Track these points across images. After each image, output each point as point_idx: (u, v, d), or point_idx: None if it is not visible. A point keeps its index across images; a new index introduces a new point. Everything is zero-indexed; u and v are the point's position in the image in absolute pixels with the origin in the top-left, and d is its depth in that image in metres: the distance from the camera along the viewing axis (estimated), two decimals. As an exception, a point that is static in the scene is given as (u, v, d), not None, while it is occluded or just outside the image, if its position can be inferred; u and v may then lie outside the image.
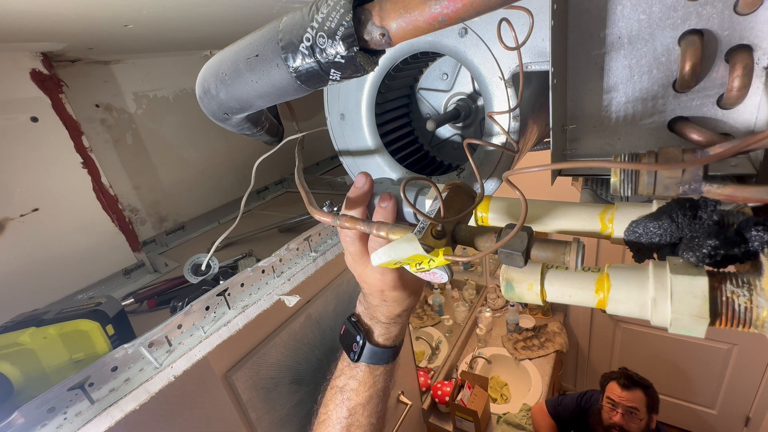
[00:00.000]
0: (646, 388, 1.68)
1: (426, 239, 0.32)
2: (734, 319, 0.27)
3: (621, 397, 1.66)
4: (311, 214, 0.42)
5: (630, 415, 1.63)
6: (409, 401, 1.69)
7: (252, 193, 1.23)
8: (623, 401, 1.65)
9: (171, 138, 1.00)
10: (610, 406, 1.69)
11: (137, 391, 0.50)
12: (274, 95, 0.39)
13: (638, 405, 1.63)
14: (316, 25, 0.31)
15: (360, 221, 0.38)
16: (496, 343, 2.48)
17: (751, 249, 0.28)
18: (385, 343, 0.50)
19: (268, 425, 1.03)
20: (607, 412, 1.69)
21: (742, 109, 0.39)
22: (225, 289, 0.63)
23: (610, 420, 1.66)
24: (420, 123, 0.73)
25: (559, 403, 1.90)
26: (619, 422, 1.63)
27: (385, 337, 0.49)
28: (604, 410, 1.72)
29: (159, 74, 0.96)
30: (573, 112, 0.46)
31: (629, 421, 1.62)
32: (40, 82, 0.70)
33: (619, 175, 0.35)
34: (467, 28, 0.48)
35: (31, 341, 0.50)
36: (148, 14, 0.58)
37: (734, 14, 0.36)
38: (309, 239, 0.76)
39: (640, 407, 1.63)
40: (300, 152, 0.58)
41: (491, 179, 0.53)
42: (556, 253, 0.31)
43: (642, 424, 1.63)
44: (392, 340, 0.50)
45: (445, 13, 0.28)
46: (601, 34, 0.42)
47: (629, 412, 1.63)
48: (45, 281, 0.73)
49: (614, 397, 1.68)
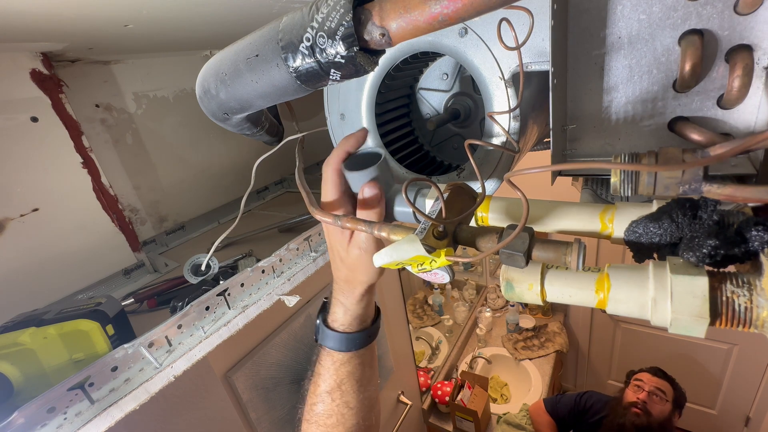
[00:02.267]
0: (675, 385, 1.71)
1: (428, 240, 0.32)
2: (734, 319, 0.27)
3: (650, 380, 1.69)
4: (312, 214, 0.42)
5: (655, 396, 1.64)
6: (409, 401, 1.69)
7: (252, 193, 1.23)
8: (652, 383, 1.68)
9: (171, 138, 1.00)
10: (637, 387, 1.71)
11: (137, 391, 0.50)
12: (274, 95, 0.39)
13: (666, 390, 1.66)
14: (316, 25, 0.31)
15: (361, 222, 0.38)
16: (496, 343, 2.48)
17: (751, 249, 0.28)
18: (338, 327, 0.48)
19: (268, 425, 1.03)
20: (632, 392, 1.70)
21: (742, 109, 0.39)
22: (225, 289, 0.63)
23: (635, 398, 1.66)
24: (420, 123, 0.73)
25: (557, 401, 1.90)
26: (644, 399, 1.63)
27: (339, 322, 0.48)
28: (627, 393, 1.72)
29: (159, 74, 0.96)
30: (573, 112, 0.46)
31: (653, 402, 1.63)
32: (40, 82, 0.70)
33: (619, 175, 0.35)
34: (467, 28, 0.48)
35: (31, 341, 0.50)
36: (148, 14, 0.58)
37: (734, 14, 0.36)
38: (309, 239, 0.76)
39: (667, 392, 1.66)
40: (300, 152, 0.58)
41: (491, 179, 0.53)
42: (558, 253, 0.31)
43: (665, 408, 1.63)
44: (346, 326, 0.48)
45: (445, 13, 0.28)
46: (601, 34, 0.42)
47: (655, 393, 1.64)
48: (45, 281, 0.73)
49: (644, 378, 1.72)
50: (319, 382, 0.49)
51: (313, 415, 0.50)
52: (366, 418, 0.50)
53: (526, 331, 2.49)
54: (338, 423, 0.49)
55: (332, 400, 0.48)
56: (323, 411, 0.49)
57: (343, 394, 0.48)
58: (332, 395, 0.48)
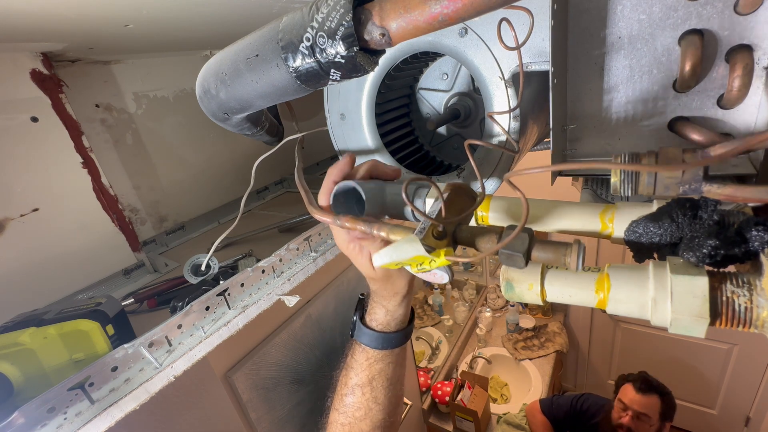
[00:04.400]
0: (663, 395, 1.61)
1: (427, 240, 0.32)
2: (734, 319, 0.27)
3: (633, 400, 1.61)
4: (311, 213, 0.42)
5: (639, 420, 1.58)
6: (409, 401, 1.70)
7: (252, 193, 1.23)
8: (635, 405, 1.60)
9: (171, 138, 1.00)
10: (621, 407, 1.65)
11: (137, 391, 0.50)
12: (274, 95, 0.39)
13: (650, 412, 1.58)
14: (316, 25, 0.31)
15: (360, 221, 0.38)
16: (496, 343, 2.48)
17: (751, 249, 0.28)
18: (376, 327, 0.49)
19: (268, 425, 1.03)
20: (617, 413, 1.65)
21: (742, 109, 0.39)
22: (225, 289, 0.63)
23: (619, 420, 1.62)
24: (420, 123, 0.73)
25: (553, 402, 1.89)
26: (627, 424, 1.58)
27: (377, 322, 0.49)
28: (614, 410, 1.68)
29: (159, 74, 0.96)
30: (573, 112, 0.46)
31: (638, 425, 1.58)
32: (40, 82, 0.70)
33: (619, 175, 0.35)
34: (467, 28, 0.48)
35: (31, 341, 0.50)
36: (148, 14, 0.58)
37: (734, 14, 0.36)
38: (309, 239, 0.76)
39: (652, 414, 1.57)
40: (300, 152, 0.58)
41: (491, 179, 0.53)
42: (557, 254, 0.31)
43: (652, 430, 1.58)
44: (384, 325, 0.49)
45: (445, 13, 0.28)
46: (601, 34, 0.42)
47: (639, 417, 1.58)
48: (45, 281, 0.73)
49: (626, 400, 1.63)
50: (351, 375, 0.50)
51: (342, 405, 0.51)
52: (392, 415, 0.52)
53: (526, 331, 2.49)
54: (365, 416, 0.50)
55: (363, 394, 0.50)
56: (352, 403, 0.50)
57: (373, 389, 0.50)
58: (363, 389, 0.50)
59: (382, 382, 0.50)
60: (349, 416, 0.51)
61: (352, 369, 0.51)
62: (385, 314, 0.49)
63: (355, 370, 0.50)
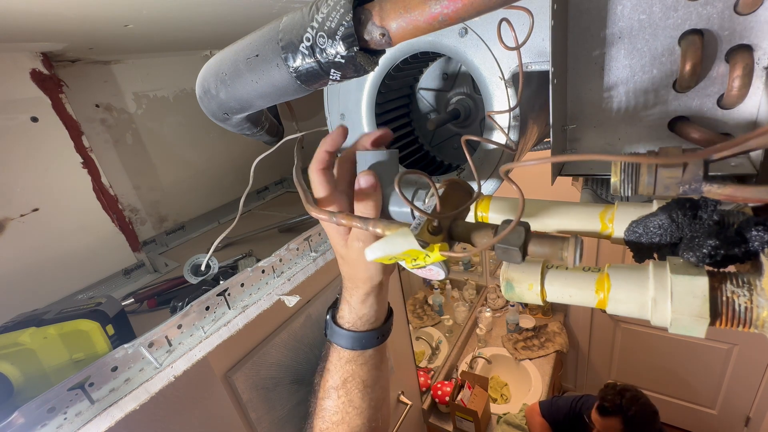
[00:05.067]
0: (626, 416, 1.51)
1: (422, 235, 0.32)
2: (734, 319, 0.27)
3: (596, 420, 1.60)
4: (308, 211, 0.42)
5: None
6: (409, 401, 1.69)
7: (252, 193, 1.23)
8: (598, 425, 1.59)
9: (171, 138, 1.00)
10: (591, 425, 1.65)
11: (137, 391, 0.50)
12: (274, 95, 0.39)
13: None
14: (316, 25, 0.31)
15: (356, 218, 0.37)
16: (496, 343, 2.48)
17: (751, 249, 0.28)
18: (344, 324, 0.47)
19: (268, 425, 1.03)
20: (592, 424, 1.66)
21: (742, 109, 0.39)
22: (225, 289, 0.63)
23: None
24: (420, 123, 0.73)
25: (553, 404, 1.89)
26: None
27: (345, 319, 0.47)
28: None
29: (159, 74, 0.96)
30: (573, 111, 0.46)
31: None
32: (40, 82, 0.70)
33: (619, 174, 0.35)
34: (467, 28, 0.48)
35: (31, 341, 0.50)
36: (148, 14, 0.58)
37: (734, 14, 0.36)
38: (309, 239, 0.76)
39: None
40: (299, 151, 0.58)
41: (491, 179, 0.53)
42: (554, 248, 0.30)
43: None
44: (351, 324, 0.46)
45: (445, 13, 0.28)
46: (601, 33, 0.42)
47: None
48: (45, 281, 0.73)
49: (593, 417, 1.62)
50: (327, 377, 0.48)
51: (320, 409, 0.49)
52: (372, 419, 0.49)
53: (526, 331, 2.48)
54: (342, 421, 0.48)
55: (338, 396, 0.47)
56: (329, 407, 0.48)
57: (348, 392, 0.47)
58: (338, 392, 0.47)
59: (356, 385, 0.47)
60: (327, 421, 0.48)
61: (328, 371, 0.48)
62: (350, 311, 0.46)
63: (330, 372, 0.48)
